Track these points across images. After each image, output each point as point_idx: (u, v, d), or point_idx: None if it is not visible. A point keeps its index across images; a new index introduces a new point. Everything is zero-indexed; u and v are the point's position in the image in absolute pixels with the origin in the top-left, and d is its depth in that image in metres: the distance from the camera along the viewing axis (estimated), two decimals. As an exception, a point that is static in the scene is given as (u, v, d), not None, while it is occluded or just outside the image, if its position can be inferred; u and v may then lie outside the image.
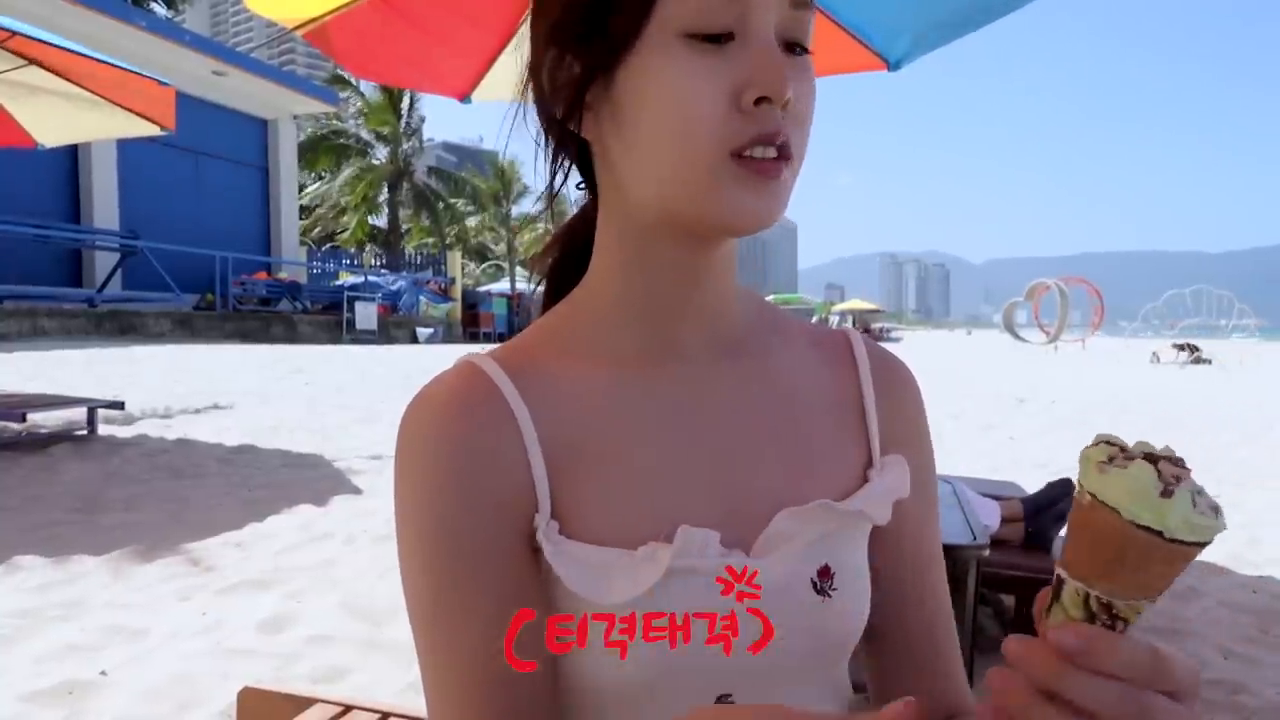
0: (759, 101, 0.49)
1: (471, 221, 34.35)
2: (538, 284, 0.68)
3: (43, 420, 5.71)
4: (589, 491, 0.53)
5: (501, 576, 0.51)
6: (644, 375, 0.57)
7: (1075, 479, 0.37)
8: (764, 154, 0.49)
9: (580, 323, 0.59)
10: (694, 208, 0.51)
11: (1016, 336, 35.51)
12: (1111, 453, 0.35)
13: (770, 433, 0.58)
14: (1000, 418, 8.22)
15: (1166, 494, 0.33)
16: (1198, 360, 22.18)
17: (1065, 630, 0.34)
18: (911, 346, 31.76)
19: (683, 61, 0.49)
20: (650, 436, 0.55)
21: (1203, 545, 0.33)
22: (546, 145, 0.58)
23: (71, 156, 15.59)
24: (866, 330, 38.35)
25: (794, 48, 0.51)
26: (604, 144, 0.55)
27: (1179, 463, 0.35)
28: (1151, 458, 0.35)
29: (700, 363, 0.58)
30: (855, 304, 43.25)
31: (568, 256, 0.66)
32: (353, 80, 27.02)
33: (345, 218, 29.70)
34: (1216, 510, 0.33)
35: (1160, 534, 0.32)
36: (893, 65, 2.75)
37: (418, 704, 0.74)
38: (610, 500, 0.53)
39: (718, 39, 0.49)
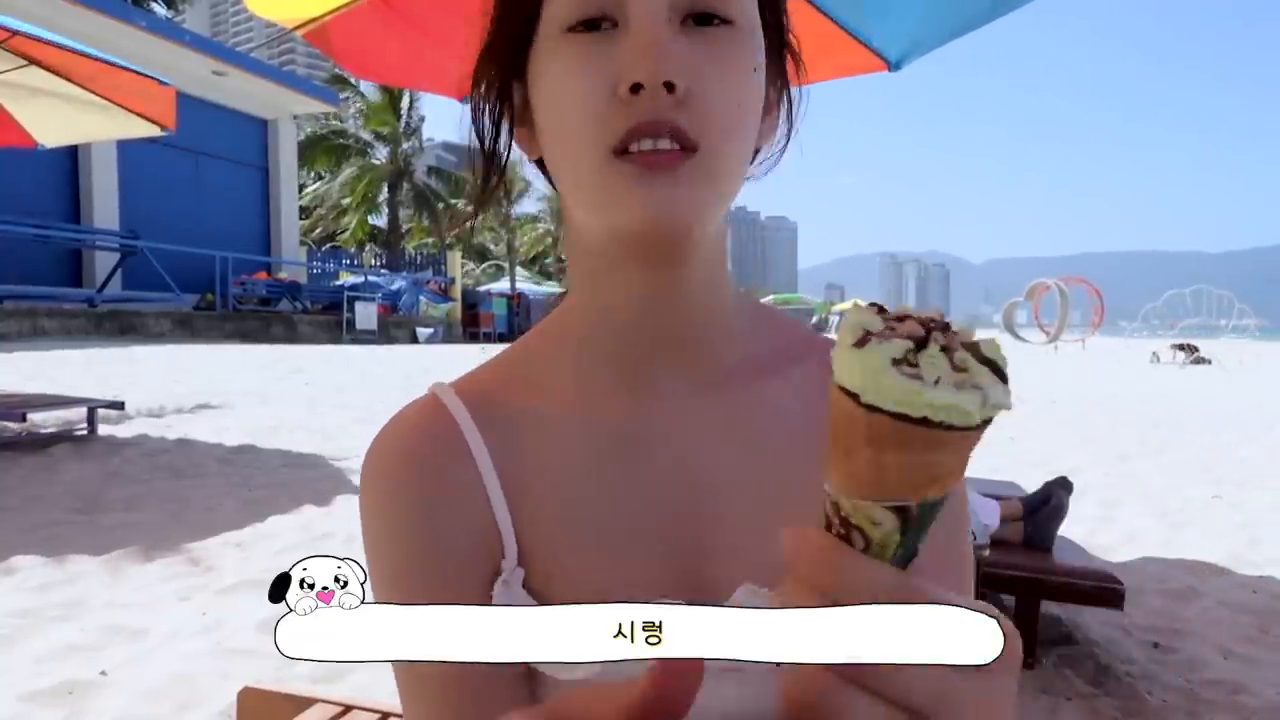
0: (635, 89, 0.44)
1: (472, 221, 34.31)
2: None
3: (43, 420, 5.71)
4: (551, 545, 0.51)
5: None
6: (613, 417, 0.52)
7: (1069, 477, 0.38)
8: (652, 146, 0.44)
9: (551, 356, 0.56)
10: (592, 214, 0.48)
11: (1016, 336, 35.51)
12: (871, 325, 0.30)
13: (745, 484, 0.51)
14: (1001, 418, 8.21)
15: (906, 364, 0.28)
16: (1198, 360, 22.19)
17: (787, 533, 0.30)
18: (911, 346, 31.71)
19: (565, 58, 0.47)
20: (613, 488, 0.51)
21: (958, 429, 0.28)
22: (488, 171, 0.56)
23: (71, 156, 15.59)
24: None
25: (708, 19, 0.46)
26: (542, 152, 0.52)
27: (947, 331, 0.30)
28: (922, 331, 0.29)
29: (676, 400, 0.52)
30: (854, 304, 43.24)
31: None
32: (352, 80, 27.01)
33: (345, 218, 29.71)
34: (980, 388, 0.28)
35: (881, 410, 0.27)
36: (893, 65, 2.75)
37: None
38: (570, 556, 0.50)
39: (597, 25, 0.46)
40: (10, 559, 3.10)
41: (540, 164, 0.55)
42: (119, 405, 5.84)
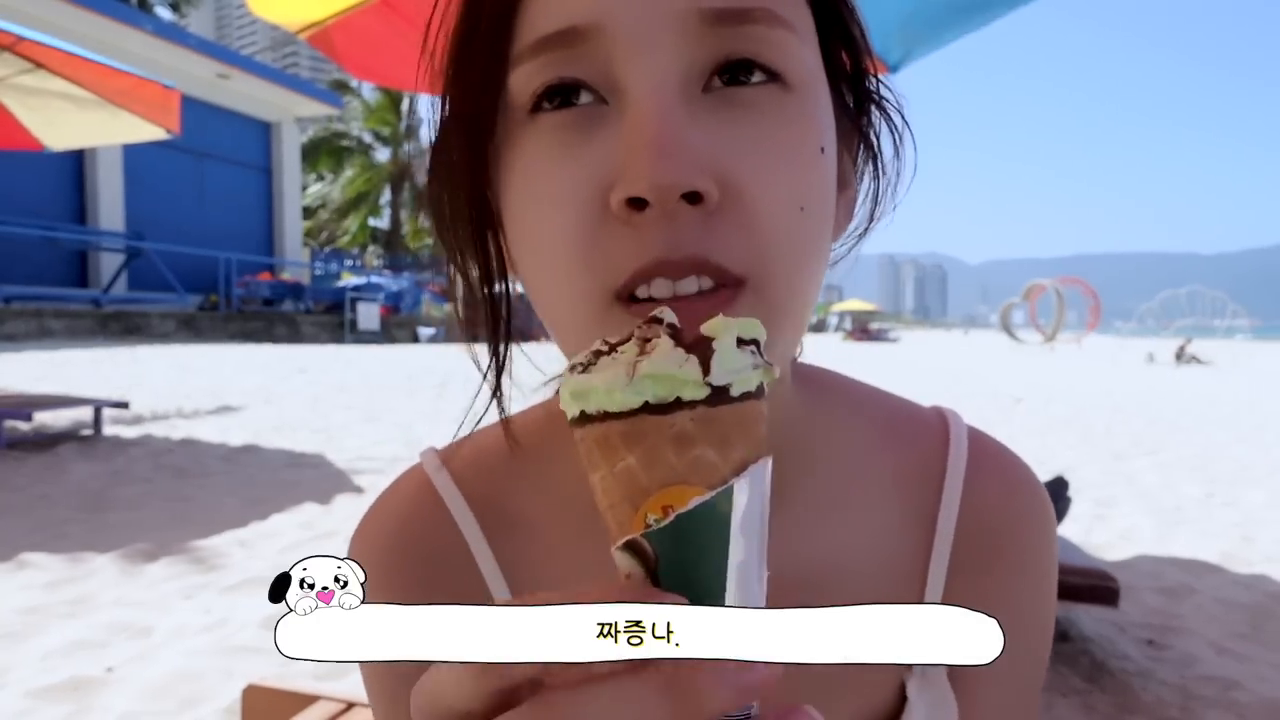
0: (638, 205, 0.30)
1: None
2: None
3: (50, 420, 5.76)
4: None
5: None
6: None
7: (1065, 477, 0.32)
8: (672, 292, 0.31)
9: (568, 465, 0.43)
10: None
11: (1013, 337, 35.49)
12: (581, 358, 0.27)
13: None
14: (997, 417, 8.22)
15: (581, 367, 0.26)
16: (1192, 360, 22.14)
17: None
18: (909, 346, 31.71)
19: (532, 147, 0.34)
20: None
21: (654, 409, 0.24)
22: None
23: (77, 159, 15.68)
24: (865, 331, 38.26)
25: (744, 71, 0.33)
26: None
27: (656, 326, 0.26)
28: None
29: None
30: (853, 304, 43.27)
31: None
32: (354, 82, 27.09)
33: (348, 220, 29.81)
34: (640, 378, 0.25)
35: (571, 419, 0.26)
36: (893, 67, 2.77)
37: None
38: None
39: (573, 90, 0.33)
40: (18, 556, 3.14)
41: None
42: (124, 405, 5.89)
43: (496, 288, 0.41)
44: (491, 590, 0.44)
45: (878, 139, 0.42)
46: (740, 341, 0.25)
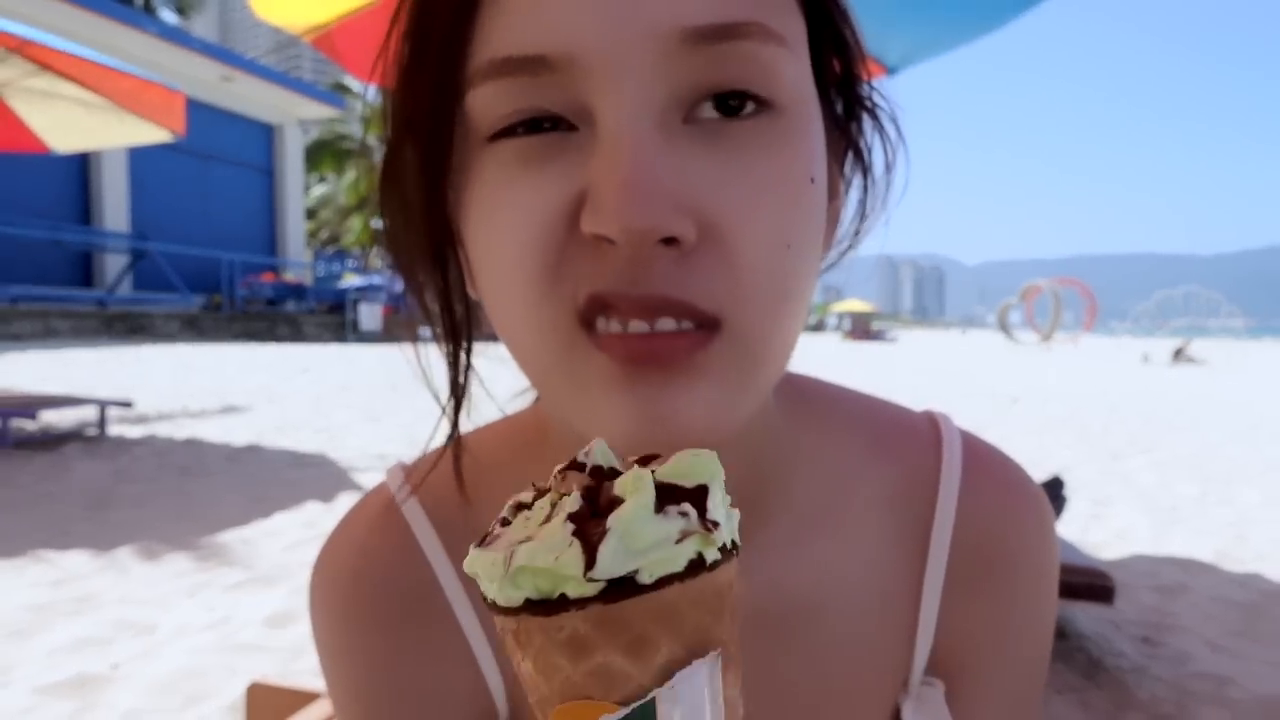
0: (601, 239, 0.29)
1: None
2: None
3: (55, 419, 5.81)
4: None
5: None
6: None
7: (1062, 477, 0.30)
8: (647, 329, 0.29)
9: (526, 477, 0.35)
10: (557, 406, 0.34)
11: (1010, 337, 35.48)
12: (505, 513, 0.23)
13: (766, 653, 0.39)
14: (995, 417, 8.23)
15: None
16: (1187, 359, 22.09)
17: None
18: (907, 346, 31.67)
19: (495, 171, 0.31)
20: None
21: (538, 607, 0.20)
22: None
23: (83, 161, 15.76)
24: (864, 332, 38.16)
25: (735, 102, 0.30)
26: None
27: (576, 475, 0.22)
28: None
29: None
30: (852, 304, 43.25)
31: None
32: (355, 84, 27.12)
33: (350, 221, 29.87)
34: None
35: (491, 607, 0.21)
36: (891, 70, 2.79)
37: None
38: None
39: (538, 125, 0.30)
40: (23, 555, 3.17)
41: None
42: (128, 405, 5.93)
43: (456, 307, 0.38)
44: (460, 622, 0.41)
45: (868, 149, 0.40)
46: (671, 495, 0.20)
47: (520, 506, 0.23)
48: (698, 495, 0.20)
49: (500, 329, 0.34)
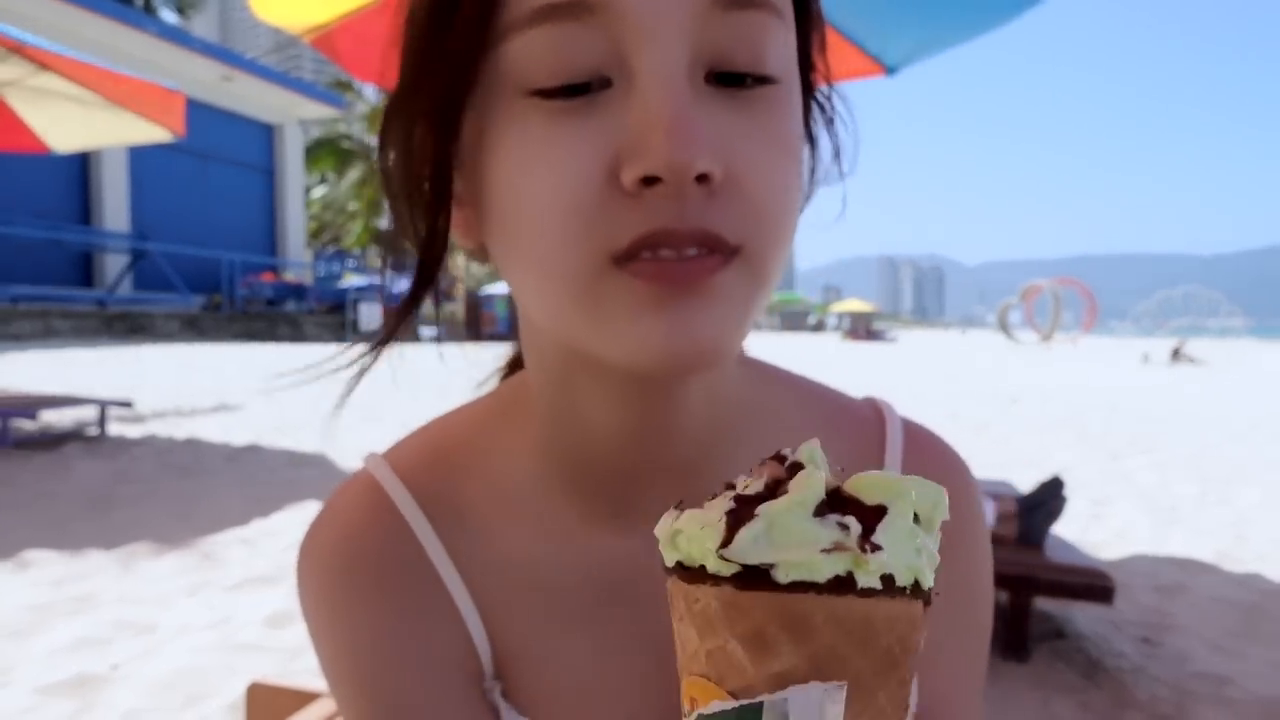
0: (649, 181, 0.32)
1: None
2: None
3: (55, 419, 5.81)
4: (528, 678, 0.45)
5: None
6: (590, 547, 0.44)
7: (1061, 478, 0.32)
8: (675, 256, 0.33)
9: (510, 454, 0.46)
10: (579, 337, 0.36)
11: (1010, 337, 35.51)
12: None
13: None
14: (995, 417, 8.23)
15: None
16: (1186, 359, 22.09)
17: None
18: (907, 346, 31.69)
19: (533, 128, 0.34)
20: (592, 631, 0.44)
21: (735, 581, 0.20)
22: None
23: (82, 160, 15.77)
24: (864, 331, 38.18)
25: (739, 78, 0.34)
26: (487, 244, 0.40)
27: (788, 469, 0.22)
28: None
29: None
30: (851, 304, 43.25)
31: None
32: (356, 84, 27.14)
33: (350, 221, 29.87)
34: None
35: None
36: (891, 70, 2.79)
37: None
38: (547, 693, 0.45)
39: (584, 89, 0.33)
40: (23, 554, 3.17)
41: (478, 251, 0.42)
42: (128, 405, 5.93)
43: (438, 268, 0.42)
44: (448, 586, 0.44)
45: (821, 110, 0.45)
46: (842, 505, 0.19)
47: (729, 487, 0.23)
48: (871, 513, 0.20)
49: (523, 269, 0.37)
